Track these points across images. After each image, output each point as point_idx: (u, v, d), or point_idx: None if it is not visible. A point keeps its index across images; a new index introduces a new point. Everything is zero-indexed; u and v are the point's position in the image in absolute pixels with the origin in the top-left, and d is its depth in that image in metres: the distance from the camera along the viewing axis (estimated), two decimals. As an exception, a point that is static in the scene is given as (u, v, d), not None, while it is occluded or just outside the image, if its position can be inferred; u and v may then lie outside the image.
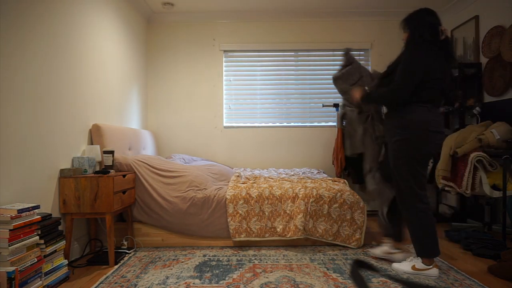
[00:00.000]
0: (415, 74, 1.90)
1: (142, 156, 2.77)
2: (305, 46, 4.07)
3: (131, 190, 2.51)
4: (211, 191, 2.62)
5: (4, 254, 1.56)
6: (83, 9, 2.58)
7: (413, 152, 1.94)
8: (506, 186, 2.44)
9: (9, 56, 1.81)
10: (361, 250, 2.48)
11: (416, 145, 1.93)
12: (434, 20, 1.95)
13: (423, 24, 1.95)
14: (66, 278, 1.97)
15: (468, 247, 2.45)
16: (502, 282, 1.90)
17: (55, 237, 1.88)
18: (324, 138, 4.04)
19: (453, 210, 3.44)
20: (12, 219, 1.60)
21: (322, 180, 2.90)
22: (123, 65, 3.33)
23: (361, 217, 2.52)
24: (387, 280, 1.93)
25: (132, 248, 2.55)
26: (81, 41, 2.54)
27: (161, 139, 4.08)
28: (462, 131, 2.92)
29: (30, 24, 1.98)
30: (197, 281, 1.93)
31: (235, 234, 2.53)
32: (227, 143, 4.06)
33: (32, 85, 1.99)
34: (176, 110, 4.09)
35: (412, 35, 1.99)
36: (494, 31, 3.21)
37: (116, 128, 2.84)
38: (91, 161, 2.36)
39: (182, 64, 4.10)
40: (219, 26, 4.09)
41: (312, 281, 1.91)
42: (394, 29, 4.06)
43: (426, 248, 1.96)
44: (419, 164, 1.95)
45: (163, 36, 4.10)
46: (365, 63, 4.09)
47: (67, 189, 2.17)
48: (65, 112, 2.31)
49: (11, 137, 1.82)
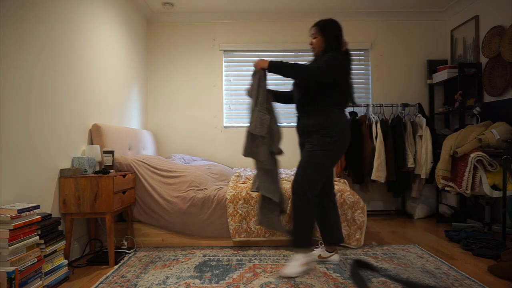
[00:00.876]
0: (338, 68, 1.98)
1: (142, 156, 2.77)
2: (305, 46, 4.06)
3: (131, 190, 2.51)
4: (211, 191, 2.62)
5: (4, 254, 1.56)
6: (83, 10, 2.58)
7: (336, 152, 2.04)
8: (506, 186, 2.45)
9: (9, 56, 1.81)
10: (361, 250, 2.48)
11: (340, 146, 2.04)
12: (341, 32, 2.10)
13: (336, 34, 2.08)
14: (66, 278, 1.97)
15: (468, 247, 2.45)
16: (502, 282, 1.90)
17: (55, 237, 1.88)
18: (324, 138, 4.03)
19: (453, 210, 3.44)
20: (12, 219, 1.60)
21: (322, 180, 2.90)
22: (123, 65, 3.33)
23: (361, 217, 2.52)
24: (387, 280, 1.93)
25: (132, 248, 2.55)
26: (81, 41, 2.54)
27: (161, 139, 4.08)
28: (462, 131, 2.92)
29: (30, 24, 1.98)
30: (197, 281, 1.93)
31: (235, 234, 2.53)
32: (227, 143, 4.06)
33: (32, 85, 1.99)
34: (176, 110, 4.09)
35: (328, 41, 2.07)
36: (494, 31, 3.21)
37: (116, 128, 2.84)
38: (91, 161, 2.36)
39: (182, 64, 4.10)
40: (219, 26, 4.10)
41: (312, 281, 1.91)
42: (394, 29, 4.06)
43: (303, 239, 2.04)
44: (334, 165, 2.10)
45: (163, 36, 4.09)
46: (365, 63, 4.09)
47: (67, 189, 2.17)
48: (65, 112, 2.31)
49: (11, 137, 1.82)
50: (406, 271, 2.05)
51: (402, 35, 4.07)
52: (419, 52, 4.05)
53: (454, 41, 3.88)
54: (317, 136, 2.02)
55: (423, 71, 4.04)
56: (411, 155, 3.51)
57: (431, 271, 2.05)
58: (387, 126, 3.55)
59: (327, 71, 1.95)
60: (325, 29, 2.08)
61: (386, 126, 3.55)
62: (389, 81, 4.06)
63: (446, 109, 3.61)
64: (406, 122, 3.59)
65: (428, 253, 2.39)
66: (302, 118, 2.14)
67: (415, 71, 4.05)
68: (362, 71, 4.09)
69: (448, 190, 2.95)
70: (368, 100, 4.06)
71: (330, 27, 2.09)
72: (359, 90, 4.09)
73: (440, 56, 4.02)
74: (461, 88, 3.35)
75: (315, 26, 2.12)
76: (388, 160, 3.47)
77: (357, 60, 4.10)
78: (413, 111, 3.80)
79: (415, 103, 3.79)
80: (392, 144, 3.51)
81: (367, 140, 3.54)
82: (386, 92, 4.05)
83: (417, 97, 4.02)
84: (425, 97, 4.02)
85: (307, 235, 2.02)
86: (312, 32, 2.13)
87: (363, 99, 4.06)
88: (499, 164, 2.61)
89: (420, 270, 2.06)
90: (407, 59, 4.06)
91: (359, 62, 4.10)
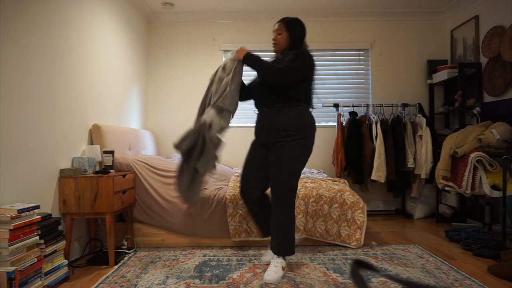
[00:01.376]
0: (308, 67, 1.97)
1: (142, 156, 2.77)
2: (305, 46, 4.07)
3: (131, 190, 2.51)
4: (211, 191, 2.62)
5: (4, 254, 1.56)
6: (83, 9, 2.58)
7: (308, 152, 2.02)
8: (506, 186, 2.44)
9: (9, 56, 1.81)
10: (361, 250, 2.48)
11: (311, 145, 2.02)
12: (305, 34, 2.10)
13: (302, 34, 2.07)
14: (66, 278, 1.97)
15: (468, 247, 2.45)
16: (502, 282, 1.90)
17: (55, 237, 1.88)
18: (324, 138, 4.04)
19: (453, 210, 3.44)
20: (12, 219, 1.60)
21: (322, 180, 2.90)
22: (123, 65, 3.33)
23: (361, 217, 2.52)
24: (387, 280, 1.93)
25: (132, 248, 2.55)
26: (81, 41, 2.54)
27: (161, 139, 4.08)
28: (462, 131, 2.93)
29: (30, 24, 1.98)
30: (197, 281, 1.93)
31: (235, 234, 2.53)
32: (227, 143, 4.06)
33: (32, 85, 1.99)
34: (176, 110, 4.09)
35: (293, 38, 2.03)
36: (494, 31, 3.21)
37: (116, 128, 2.84)
38: (91, 161, 2.37)
39: (182, 64, 4.10)
40: (219, 26, 4.10)
41: (312, 281, 1.91)
42: (394, 29, 4.06)
43: (293, 244, 2.02)
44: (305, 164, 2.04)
45: (163, 36, 4.10)
46: (365, 63, 4.09)
47: (67, 189, 2.17)
48: (65, 112, 2.31)
49: (11, 137, 1.82)
50: (406, 271, 2.05)
51: (402, 35, 4.07)
52: (419, 52, 4.05)
53: (454, 41, 3.88)
54: (293, 139, 1.94)
55: (423, 71, 4.04)
56: (411, 155, 3.51)
57: (431, 271, 2.05)
58: (387, 126, 3.55)
59: (296, 71, 1.92)
60: (291, 26, 2.03)
61: (386, 126, 3.55)
62: (389, 81, 4.06)
63: (446, 109, 3.61)
64: (406, 122, 3.59)
65: (428, 253, 2.39)
66: (270, 115, 2.02)
67: (415, 71, 4.05)
68: (362, 71, 4.09)
69: (448, 190, 2.95)
70: (368, 100, 4.06)
71: (297, 25, 2.05)
72: (359, 90, 4.09)
73: (440, 56, 4.02)
74: (461, 88, 3.35)
75: (280, 22, 2.05)
76: (388, 160, 3.48)
77: (357, 60, 4.11)
78: (413, 111, 3.80)
79: (415, 103, 3.79)
80: (392, 144, 3.51)
81: (367, 140, 3.54)
82: (386, 92, 4.05)
83: (417, 97, 4.02)
84: (425, 97, 4.02)
85: (294, 239, 2.02)
86: (276, 27, 2.05)
87: (363, 99, 4.06)
88: (499, 164, 2.61)
89: (420, 270, 2.06)
90: (407, 59, 4.06)
91: (359, 62, 4.10)
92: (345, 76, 4.10)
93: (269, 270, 1.94)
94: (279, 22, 2.06)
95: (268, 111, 2.04)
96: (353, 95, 4.09)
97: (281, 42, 2.04)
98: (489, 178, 2.62)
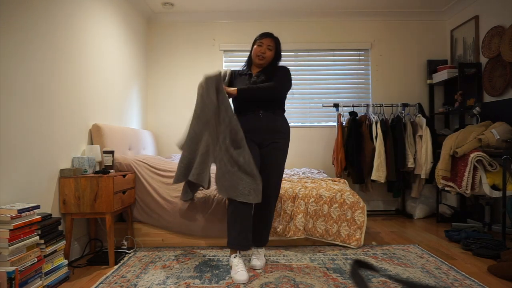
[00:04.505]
0: (291, 81, 2.23)
1: (142, 156, 2.77)
2: (305, 46, 4.07)
3: (131, 190, 2.51)
4: (211, 191, 2.62)
5: (4, 254, 1.56)
6: (83, 9, 2.58)
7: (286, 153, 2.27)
8: (506, 186, 2.45)
9: (9, 56, 1.81)
10: (361, 250, 2.48)
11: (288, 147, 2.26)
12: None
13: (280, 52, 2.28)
14: (66, 278, 1.97)
15: (468, 247, 2.45)
16: (502, 282, 1.90)
17: (55, 237, 1.88)
18: (324, 138, 4.04)
19: (453, 210, 3.44)
20: (12, 219, 1.60)
21: (322, 180, 2.90)
22: (123, 65, 3.33)
23: (361, 217, 2.52)
24: (387, 280, 1.93)
25: (132, 248, 2.55)
26: (81, 41, 2.54)
27: (161, 139, 4.08)
28: (462, 131, 2.93)
29: (30, 24, 1.98)
30: (197, 281, 1.93)
31: (235, 234, 2.52)
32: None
33: (32, 85, 1.99)
34: (176, 110, 4.09)
35: (277, 56, 2.24)
36: (494, 31, 3.21)
37: (116, 128, 2.84)
38: (91, 161, 2.36)
39: (182, 64, 4.10)
40: (219, 26, 4.10)
41: (312, 281, 1.91)
42: (394, 29, 4.06)
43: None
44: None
45: (163, 36, 4.10)
46: (365, 63, 4.09)
47: (67, 189, 2.17)
48: (65, 112, 2.31)
49: (11, 137, 1.82)
50: (406, 271, 2.05)
51: (402, 35, 4.07)
52: (419, 52, 4.05)
53: (454, 41, 3.88)
54: (284, 140, 2.19)
55: (423, 71, 4.04)
56: (411, 155, 3.51)
57: (431, 271, 2.05)
58: (387, 126, 3.55)
59: (288, 85, 2.19)
60: (278, 43, 2.23)
61: (386, 126, 3.55)
62: (389, 81, 4.06)
63: (446, 109, 3.61)
64: (406, 122, 3.59)
65: (428, 253, 2.39)
66: (267, 117, 2.17)
67: (415, 71, 4.05)
68: (362, 71, 4.10)
69: (448, 190, 2.95)
70: (368, 100, 4.06)
71: (280, 45, 2.25)
72: (359, 90, 4.09)
73: (440, 56, 4.02)
74: (461, 88, 3.35)
75: (271, 39, 2.19)
76: (388, 160, 3.48)
77: (357, 60, 4.11)
78: (413, 111, 3.80)
79: (415, 103, 3.79)
80: (392, 144, 3.51)
81: (367, 140, 3.54)
82: (386, 92, 4.05)
83: (417, 97, 4.02)
84: (425, 97, 4.02)
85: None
86: (269, 43, 2.18)
87: (363, 99, 4.06)
88: (499, 164, 2.61)
89: (420, 270, 2.06)
90: (407, 59, 4.06)
91: (359, 62, 4.10)
92: (345, 76, 4.10)
93: (258, 259, 2.16)
94: (270, 38, 2.20)
95: (265, 114, 2.18)
96: (353, 95, 4.09)
97: (270, 57, 2.20)
98: (489, 178, 2.62)
